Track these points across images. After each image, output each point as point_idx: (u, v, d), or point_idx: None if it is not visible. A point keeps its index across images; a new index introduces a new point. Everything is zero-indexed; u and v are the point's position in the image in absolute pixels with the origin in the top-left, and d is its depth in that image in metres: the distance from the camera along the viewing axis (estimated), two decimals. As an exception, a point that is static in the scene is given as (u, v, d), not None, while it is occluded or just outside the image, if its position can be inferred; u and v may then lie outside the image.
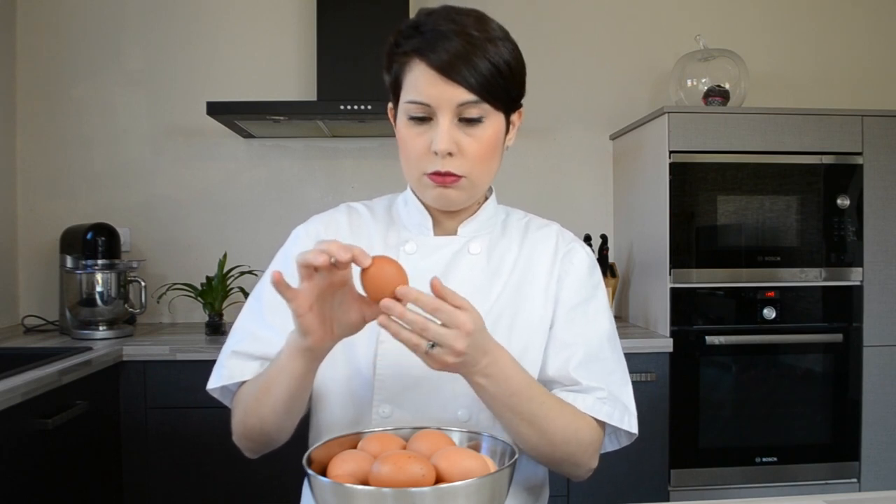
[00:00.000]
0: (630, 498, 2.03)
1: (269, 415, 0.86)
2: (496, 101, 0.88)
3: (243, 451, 0.94)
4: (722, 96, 2.33)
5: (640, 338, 2.14)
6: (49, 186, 2.56)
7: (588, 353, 0.94)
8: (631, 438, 0.96)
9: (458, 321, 0.73)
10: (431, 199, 0.93)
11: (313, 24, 2.45)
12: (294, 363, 0.80)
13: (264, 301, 0.96)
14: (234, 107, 2.20)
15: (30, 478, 1.55)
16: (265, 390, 0.86)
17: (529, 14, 2.68)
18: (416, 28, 0.87)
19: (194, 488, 1.99)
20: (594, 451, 0.92)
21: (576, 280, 0.99)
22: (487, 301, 0.95)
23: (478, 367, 0.78)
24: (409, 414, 0.91)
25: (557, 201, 2.69)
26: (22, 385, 1.48)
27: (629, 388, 0.96)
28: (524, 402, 0.83)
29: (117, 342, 2.07)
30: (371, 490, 0.65)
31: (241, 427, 0.91)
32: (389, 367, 0.91)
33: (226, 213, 2.61)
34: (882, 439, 2.22)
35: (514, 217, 1.06)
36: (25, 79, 2.55)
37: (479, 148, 0.88)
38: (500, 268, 0.98)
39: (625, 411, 0.93)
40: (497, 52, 0.86)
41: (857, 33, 2.78)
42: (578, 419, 0.89)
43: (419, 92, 0.86)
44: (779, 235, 2.21)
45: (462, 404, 0.91)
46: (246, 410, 0.89)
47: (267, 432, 0.89)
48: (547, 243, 1.01)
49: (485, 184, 0.94)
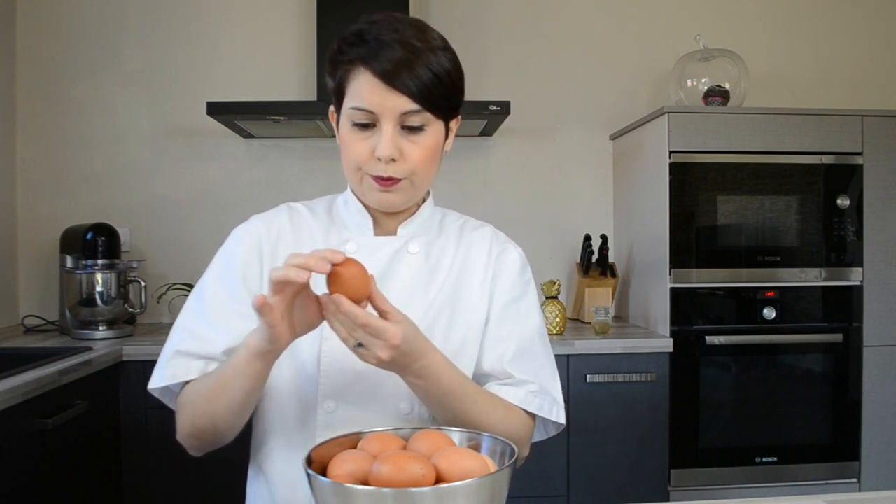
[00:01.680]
0: (630, 498, 2.03)
1: (223, 414, 0.88)
2: (436, 110, 0.91)
3: (188, 450, 0.95)
4: (722, 96, 2.33)
5: (640, 338, 2.14)
6: (49, 186, 2.56)
7: (520, 348, 0.99)
8: (559, 429, 1.02)
9: (385, 335, 0.77)
10: (373, 202, 0.96)
11: (313, 24, 2.45)
12: (254, 366, 0.83)
13: (206, 301, 0.98)
14: (234, 107, 2.20)
15: (30, 478, 1.55)
16: (218, 391, 0.87)
17: (529, 14, 2.69)
18: (359, 36, 0.89)
19: (194, 488, 1.99)
20: (525, 441, 0.98)
21: (508, 279, 1.03)
22: (426, 299, 0.98)
23: (411, 369, 0.83)
24: (353, 408, 0.94)
25: (557, 201, 2.69)
26: (22, 385, 1.49)
27: (558, 382, 1.02)
28: (457, 402, 0.87)
29: (117, 342, 2.08)
30: (371, 490, 0.65)
31: (190, 427, 0.92)
32: (333, 364, 0.94)
33: (226, 213, 2.60)
34: (882, 439, 2.22)
35: (450, 218, 1.09)
36: (25, 79, 2.55)
37: (421, 154, 0.91)
38: (438, 267, 1.01)
39: (553, 403, 0.99)
40: (437, 61, 0.89)
41: (857, 33, 2.78)
42: (510, 414, 0.94)
43: (363, 99, 0.88)
44: (779, 235, 2.21)
45: (404, 397, 0.94)
46: (195, 411, 0.90)
47: (219, 430, 0.90)
48: (482, 244, 1.05)
49: (424, 187, 0.97)
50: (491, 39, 2.64)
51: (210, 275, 1.02)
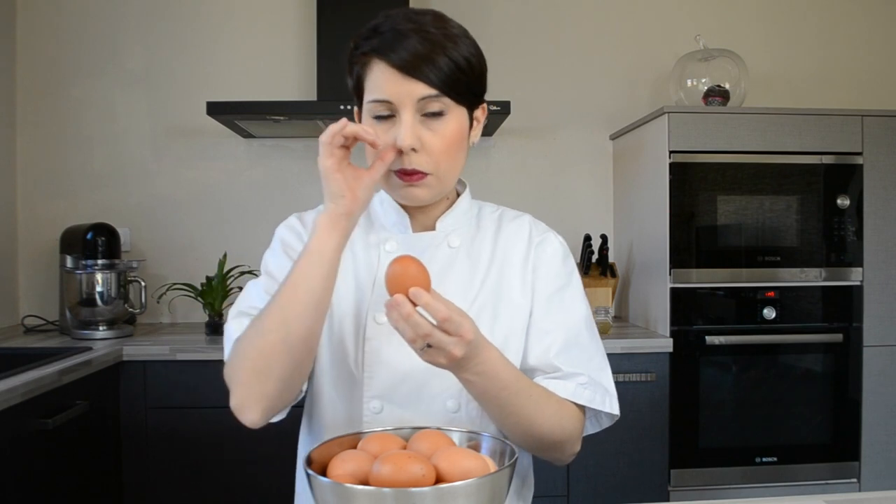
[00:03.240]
0: (630, 498, 2.03)
1: (299, 315, 0.81)
2: (457, 96, 0.89)
3: (247, 413, 0.84)
4: (722, 96, 2.33)
5: (640, 338, 2.14)
6: (49, 186, 2.56)
7: (567, 339, 0.96)
8: (612, 419, 1.00)
9: (461, 330, 0.74)
10: (400, 197, 0.95)
11: (313, 24, 2.45)
12: (329, 239, 0.84)
13: (261, 283, 0.97)
14: (234, 107, 2.20)
15: (30, 478, 1.55)
16: (292, 288, 0.82)
17: (529, 14, 2.69)
18: (374, 30, 0.89)
19: (194, 488, 1.99)
20: (578, 436, 0.95)
21: (551, 269, 1.01)
22: (470, 293, 0.97)
23: (470, 366, 0.80)
24: (399, 408, 0.93)
25: (557, 201, 2.69)
26: (22, 385, 1.49)
27: (608, 371, 0.99)
28: (512, 396, 0.85)
29: (117, 342, 2.08)
30: (371, 490, 0.65)
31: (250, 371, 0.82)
32: (377, 365, 0.93)
33: (226, 213, 2.61)
34: (882, 439, 2.22)
35: (487, 210, 1.07)
36: (25, 79, 2.55)
37: (443, 143, 0.90)
38: (479, 260, 1.00)
39: (605, 394, 0.96)
40: (456, 48, 0.88)
41: (858, 33, 2.78)
42: (563, 408, 0.91)
43: (381, 90, 0.88)
44: (779, 235, 2.21)
45: (451, 396, 0.93)
46: (263, 329, 0.82)
47: (291, 347, 0.82)
48: (520, 234, 1.03)
49: (451, 179, 0.95)
50: (491, 39, 2.63)
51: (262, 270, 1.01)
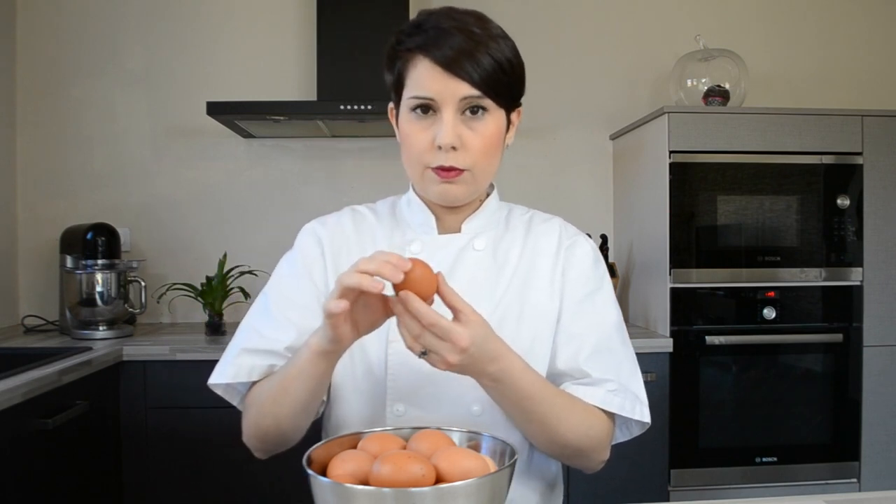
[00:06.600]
0: (630, 498, 2.03)
1: (287, 415, 0.87)
2: (498, 97, 0.89)
3: (253, 452, 0.94)
4: (722, 96, 2.33)
5: (640, 338, 2.14)
6: (49, 186, 2.56)
7: (597, 344, 0.94)
8: (643, 428, 0.96)
9: (452, 336, 0.74)
10: (435, 195, 0.93)
11: (313, 24, 2.44)
12: (317, 366, 0.82)
13: (272, 299, 0.97)
14: (234, 107, 2.20)
15: (30, 478, 1.55)
16: (282, 391, 0.86)
17: (529, 14, 2.68)
18: (418, 27, 0.88)
19: (194, 488, 1.99)
20: (606, 444, 0.93)
21: (581, 272, 0.99)
22: (494, 296, 0.96)
23: (485, 373, 0.80)
24: (422, 411, 0.92)
25: (557, 201, 2.69)
26: (22, 385, 1.48)
27: (639, 378, 0.96)
28: (535, 405, 0.84)
29: (117, 342, 2.07)
30: (371, 490, 0.65)
31: (255, 429, 0.91)
32: (401, 366, 0.92)
33: (226, 213, 2.61)
34: (882, 439, 2.22)
35: (517, 212, 1.06)
36: (25, 79, 2.55)
37: (482, 142, 0.90)
38: (506, 263, 0.99)
39: (636, 401, 0.93)
40: (498, 48, 0.88)
41: (858, 33, 2.78)
42: (590, 415, 0.90)
43: (423, 87, 0.87)
44: (779, 235, 2.20)
45: (475, 399, 0.91)
46: (260, 412, 0.89)
47: (283, 432, 0.89)
48: (550, 237, 1.02)
49: (486, 179, 0.95)
50: (491, 39, 2.63)
51: (276, 275, 1.01)
